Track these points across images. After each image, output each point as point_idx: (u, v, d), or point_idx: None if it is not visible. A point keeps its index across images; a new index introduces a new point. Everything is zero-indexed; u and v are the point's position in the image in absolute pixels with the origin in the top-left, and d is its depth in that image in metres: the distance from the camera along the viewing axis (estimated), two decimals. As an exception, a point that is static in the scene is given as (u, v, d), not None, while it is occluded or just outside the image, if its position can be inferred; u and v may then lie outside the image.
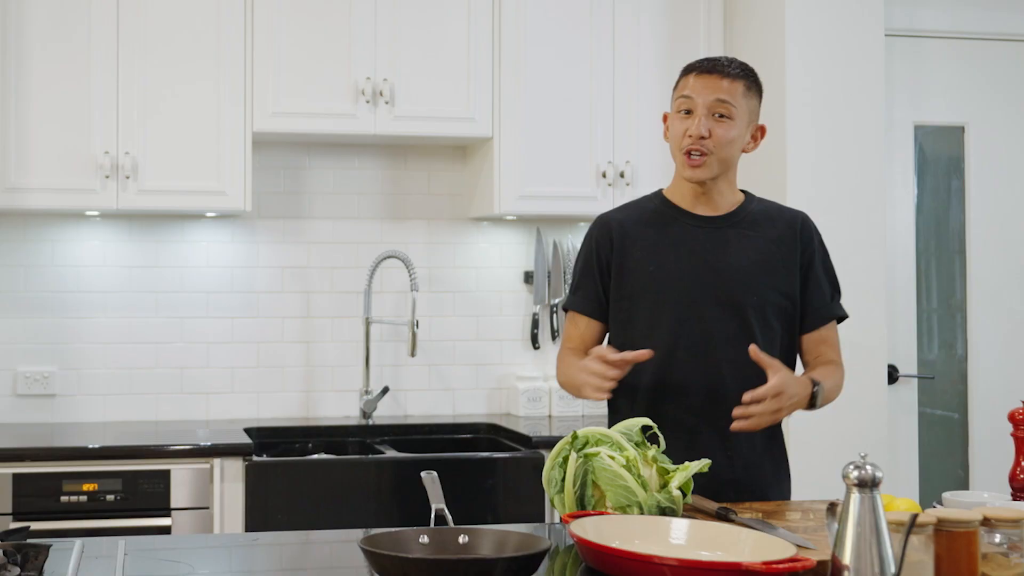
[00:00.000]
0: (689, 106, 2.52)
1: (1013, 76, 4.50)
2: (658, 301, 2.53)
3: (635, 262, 2.56)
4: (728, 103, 2.51)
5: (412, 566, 1.80)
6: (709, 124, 2.49)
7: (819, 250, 2.62)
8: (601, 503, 2.14)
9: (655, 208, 2.62)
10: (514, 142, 4.09)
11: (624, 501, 2.11)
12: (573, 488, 2.16)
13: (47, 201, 3.83)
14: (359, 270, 4.32)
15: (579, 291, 2.64)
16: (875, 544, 1.66)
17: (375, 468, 3.67)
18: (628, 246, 2.58)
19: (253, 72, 3.92)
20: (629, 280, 2.56)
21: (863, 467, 1.69)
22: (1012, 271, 4.48)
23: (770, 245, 2.56)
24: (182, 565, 2.13)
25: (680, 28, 4.22)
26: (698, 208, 2.58)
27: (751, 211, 2.60)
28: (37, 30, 3.80)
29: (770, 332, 2.53)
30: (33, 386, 4.11)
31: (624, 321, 2.57)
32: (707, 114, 2.50)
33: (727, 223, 2.57)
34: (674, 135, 2.55)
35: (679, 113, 2.54)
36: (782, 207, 2.68)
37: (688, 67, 2.58)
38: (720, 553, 1.91)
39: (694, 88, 2.52)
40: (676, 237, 2.56)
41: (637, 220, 2.61)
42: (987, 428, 4.37)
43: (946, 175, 4.53)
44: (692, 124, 2.50)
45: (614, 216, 2.65)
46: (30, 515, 3.40)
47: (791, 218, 2.62)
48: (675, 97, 2.58)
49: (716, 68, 2.53)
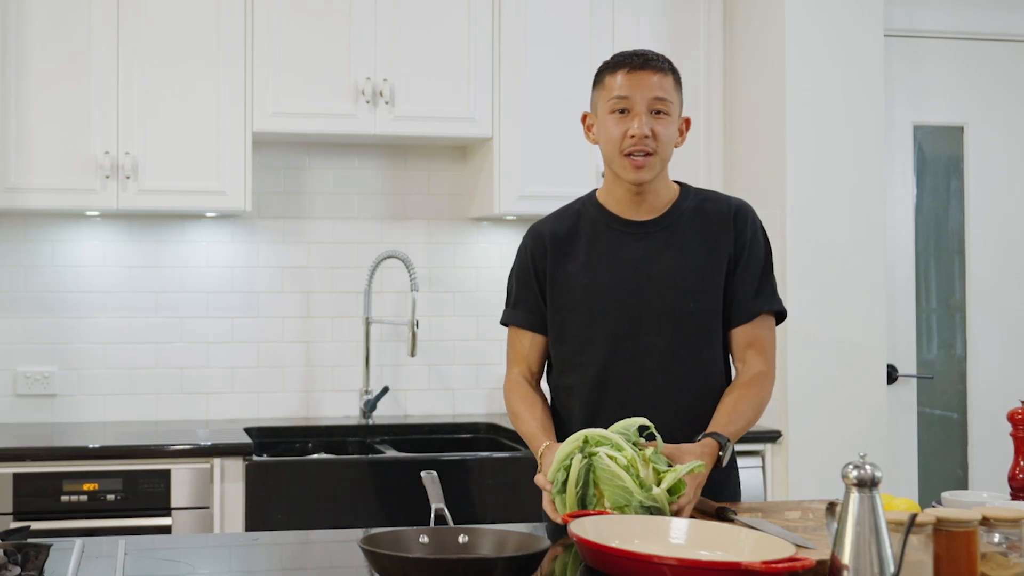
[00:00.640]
0: (625, 105, 2.41)
1: (1012, 76, 4.51)
2: (592, 316, 2.45)
3: (567, 275, 2.47)
4: (666, 100, 2.41)
5: (412, 566, 1.80)
6: (650, 123, 2.40)
7: (752, 241, 2.47)
8: (600, 503, 2.14)
9: (589, 216, 2.52)
10: (514, 142, 4.09)
11: (622, 501, 2.11)
12: (575, 489, 2.15)
13: (47, 201, 3.83)
14: (359, 270, 4.32)
15: (518, 305, 2.54)
16: (874, 544, 1.66)
17: (375, 468, 3.68)
18: (562, 259, 2.49)
19: (253, 72, 3.93)
20: (562, 294, 2.48)
21: (862, 467, 1.69)
22: (1011, 271, 4.49)
23: (704, 247, 2.46)
24: (182, 565, 2.13)
25: (680, 28, 4.23)
26: (632, 212, 2.49)
27: (685, 209, 2.49)
28: (37, 30, 3.81)
29: (711, 338, 2.45)
30: (33, 386, 4.11)
31: (557, 336, 2.50)
32: (646, 112, 2.40)
33: (659, 226, 2.47)
34: (610, 137, 2.43)
35: (613, 113, 2.42)
36: (719, 197, 2.54)
37: (614, 63, 2.45)
38: (720, 553, 1.91)
39: (629, 86, 2.41)
40: (609, 247, 2.47)
41: (569, 231, 2.51)
42: (986, 428, 4.38)
43: (945, 175, 4.53)
44: (633, 124, 2.39)
45: (545, 228, 2.54)
46: (30, 515, 3.40)
47: (725, 210, 2.49)
48: (604, 97, 2.44)
49: (648, 64, 2.41)
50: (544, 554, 1.86)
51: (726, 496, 2.47)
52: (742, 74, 4.22)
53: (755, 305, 2.47)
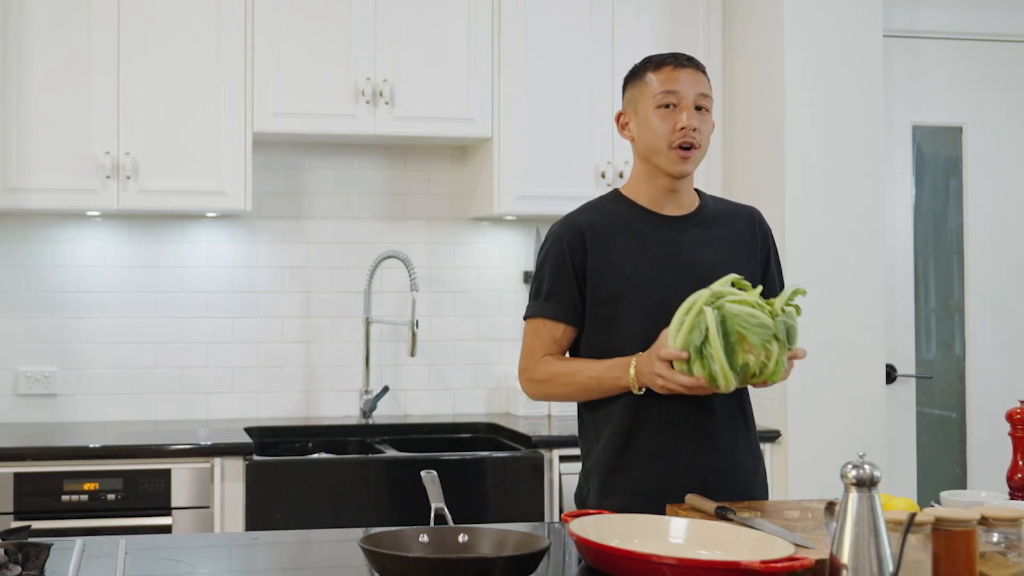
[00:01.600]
0: (673, 100, 2.48)
1: (1011, 76, 4.51)
2: (636, 304, 2.48)
3: (611, 266, 2.49)
4: (708, 96, 2.52)
5: (412, 565, 1.80)
6: (696, 117, 2.48)
7: (773, 244, 2.64)
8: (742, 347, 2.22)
9: (620, 210, 2.56)
10: (514, 142, 4.10)
11: (766, 335, 2.22)
12: (719, 341, 2.21)
13: (48, 201, 3.84)
14: (359, 270, 4.33)
15: (553, 299, 2.53)
16: (873, 543, 1.66)
17: (375, 468, 3.68)
18: (602, 250, 2.51)
19: (253, 72, 3.93)
20: (607, 284, 2.49)
21: (861, 466, 1.69)
22: (1010, 271, 4.49)
23: (735, 242, 2.55)
24: (183, 564, 2.14)
25: (679, 29, 4.23)
26: (664, 207, 2.55)
27: (711, 209, 2.59)
28: (38, 31, 3.81)
29: None
30: (34, 386, 4.11)
31: (601, 326, 2.51)
32: (691, 107, 2.48)
33: (692, 222, 2.55)
34: (656, 131, 2.49)
35: (660, 108, 2.49)
36: (735, 203, 2.67)
37: (658, 61, 2.53)
38: (719, 552, 1.92)
39: (678, 82, 2.49)
40: (647, 238, 2.52)
41: (606, 223, 2.54)
42: (985, 428, 4.38)
43: (944, 175, 4.54)
44: (682, 116, 2.47)
45: (581, 218, 2.56)
46: (31, 514, 3.40)
47: (748, 214, 2.62)
48: (647, 93, 2.52)
49: (691, 62, 2.52)
50: (544, 553, 1.87)
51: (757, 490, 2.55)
52: (741, 74, 4.22)
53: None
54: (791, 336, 2.28)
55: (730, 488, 2.47)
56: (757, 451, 2.60)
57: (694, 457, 2.46)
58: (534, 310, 2.56)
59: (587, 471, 2.58)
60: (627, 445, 2.48)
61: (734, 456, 2.50)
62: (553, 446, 3.77)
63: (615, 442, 2.50)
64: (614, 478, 2.50)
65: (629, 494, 2.45)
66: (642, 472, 2.47)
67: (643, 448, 2.47)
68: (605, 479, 2.51)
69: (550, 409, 4.34)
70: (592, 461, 2.56)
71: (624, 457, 2.48)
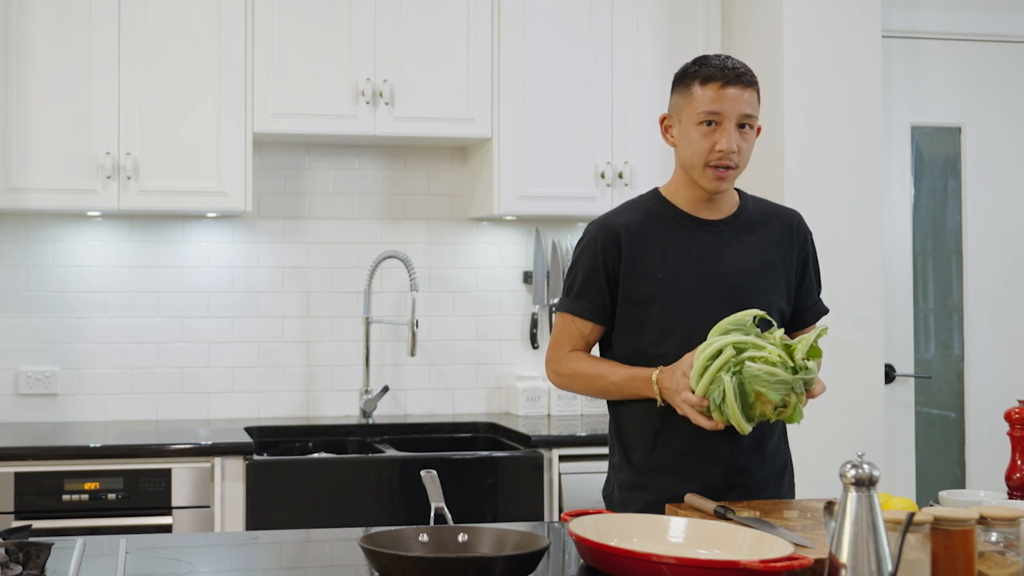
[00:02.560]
0: (715, 119, 2.44)
1: (1009, 77, 4.51)
2: (669, 308, 2.49)
3: (644, 269, 2.50)
4: (753, 116, 2.47)
5: (412, 564, 1.81)
6: (737, 138, 2.44)
7: (812, 249, 2.65)
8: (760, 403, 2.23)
9: (658, 212, 2.56)
10: (513, 143, 4.10)
11: (784, 391, 2.22)
12: (736, 403, 2.22)
13: (49, 201, 3.84)
14: (359, 270, 4.33)
15: (584, 297, 2.55)
16: (872, 543, 1.66)
17: (375, 467, 3.69)
18: (637, 253, 2.51)
19: (254, 73, 3.94)
20: (640, 287, 2.50)
21: (860, 466, 1.70)
22: (1008, 271, 4.50)
23: (771, 248, 2.56)
24: (183, 563, 2.14)
25: (678, 30, 4.24)
26: (702, 212, 2.55)
27: (750, 212, 2.59)
28: (39, 31, 3.82)
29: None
30: (35, 385, 4.12)
31: (635, 328, 2.53)
32: (733, 128, 2.44)
33: (730, 227, 2.55)
34: (695, 148, 2.46)
35: (701, 125, 2.45)
36: (776, 206, 2.66)
37: (708, 75, 2.46)
38: (718, 552, 1.92)
39: (723, 102, 2.43)
40: (683, 242, 2.52)
41: (642, 225, 2.54)
42: (984, 427, 4.38)
43: (943, 176, 4.54)
44: (722, 138, 2.43)
45: (618, 220, 2.56)
46: (32, 514, 3.41)
47: (788, 218, 2.63)
48: (691, 107, 2.47)
49: (740, 79, 2.45)
50: (543, 553, 1.87)
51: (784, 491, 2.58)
52: (741, 75, 4.22)
53: (820, 307, 2.66)
54: (809, 385, 2.28)
55: (754, 489, 2.49)
56: (787, 454, 2.62)
57: (721, 458, 2.47)
58: (564, 305, 2.59)
59: (615, 465, 2.60)
60: (655, 444, 2.50)
61: (760, 458, 2.51)
62: (553, 446, 3.77)
63: (643, 441, 2.51)
64: (641, 478, 2.51)
65: (657, 492, 2.46)
66: (670, 471, 2.48)
67: (671, 447, 2.48)
68: (634, 477, 2.53)
69: (549, 409, 4.35)
70: (620, 457, 2.57)
71: (652, 456, 2.50)
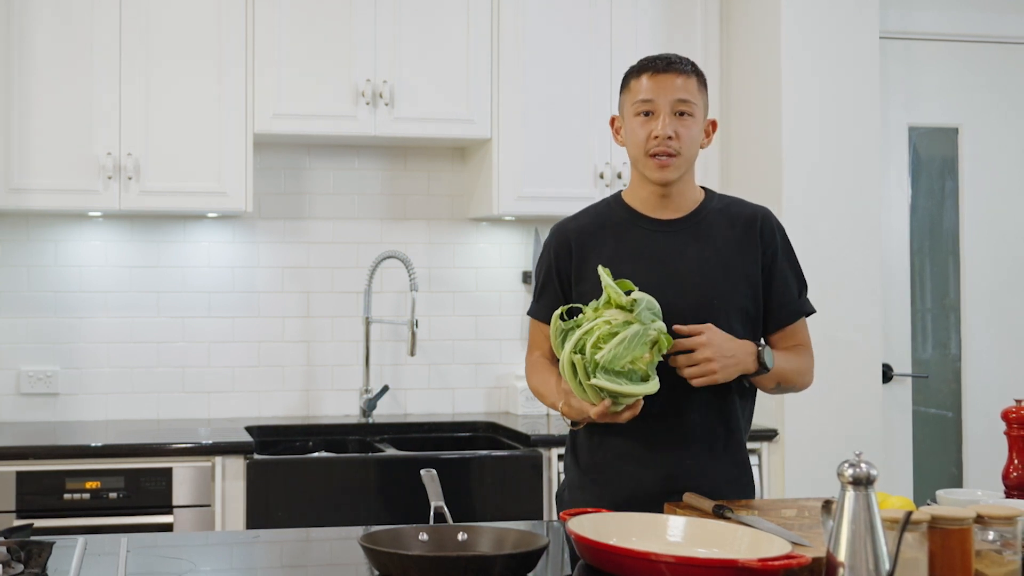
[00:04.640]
0: (649, 108, 2.46)
1: (1006, 78, 4.52)
2: None
3: (593, 272, 2.47)
4: (689, 101, 2.46)
5: (412, 563, 1.81)
6: (674, 124, 2.44)
7: (782, 246, 2.55)
8: (640, 363, 2.26)
9: (614, 214, 2.56)
10: (513, 143, 4.11)
11: (641, 341, 2.24)
12: (620, 387, 2.24)
13: (50, 202, 3.85)
14: (359, 270, 4.34)
15: (541, 300, 2.59)
16: (870, 541, 1.67)
17: (375, 466, 3.70)
18: (586, 255, 2.52)
19: (254, 74, 3.94)
20: (588, 290, 2.49)
21: (858, 465, 1.70)
22: (1006, 271, 4.50)
23: (730, 246, 2.50)
24: (184, 562, 2.15)
25: (677, 31, 4.24)
26: (659, 212, 2.53)
27: (710, 210, 2.54)
28: (40, 32, 3.82)
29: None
30: (36, 385, 4.13)
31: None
32: (670, 114, 2.45)
33: (686, 225, 2.51)
34: (635, 139, 2.48)
35: (638, 116, 2.47)
36: (743, 203, 2.58)
37: (638, 68, 2.51)
38: (716, 550, 1.93)
39: (653, 89, 2.46)
40: (635, 244, 2.50)
41: (595, 228, 2.55)
42: (981, 427, 4.39)
43: (940, 176, 4.55)
44: (656, 125, 2.44)
45: (571, 224, 2.58)
46: (33, 513, 3.42)
47: (751, 216, 2.55)
48: (629, 100, 2.51)
49: (671, 66, 2.46)
50: (543, 551, 1.88)
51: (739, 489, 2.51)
52: (738, 76, 4.24)
53: (799, 306, 2.56)
54: (653, 308, 2.29)
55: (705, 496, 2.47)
56: (742, 460, 2.55)
57: (665, 463, 2.45)
58: (530, 309, 2.66)
59: (567, 465, 2.63)
60: (600, 444, 2.50)
61: (710, 464, 2.48)
62: (552, 445, 3.78)
63: (589, 443, 2.53)
64: (585, 478, 2.52)
65: (598, 493, 2.46)
66: (614, 474, 2.48)
67: (615, 451, 2.48)
68: (580, 477, 2.54)
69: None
70: (570, 457, 2.60)
71: (597, 456, 2.50)
